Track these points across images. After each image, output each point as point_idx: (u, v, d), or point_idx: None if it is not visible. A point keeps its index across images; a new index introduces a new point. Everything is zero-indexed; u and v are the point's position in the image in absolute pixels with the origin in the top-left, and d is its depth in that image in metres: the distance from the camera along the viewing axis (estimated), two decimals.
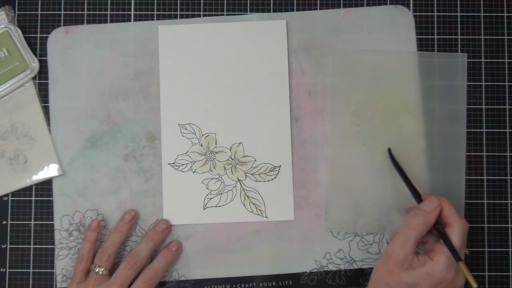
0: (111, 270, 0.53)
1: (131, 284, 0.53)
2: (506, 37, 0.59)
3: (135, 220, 0.56)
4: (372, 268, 0.57)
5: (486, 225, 0.57)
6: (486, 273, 0.57)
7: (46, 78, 0.58)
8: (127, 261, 0.53)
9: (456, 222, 0.47)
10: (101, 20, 0.59)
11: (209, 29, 0.58)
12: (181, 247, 0.56)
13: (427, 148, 0.57)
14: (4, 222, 0.57)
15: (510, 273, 0.57)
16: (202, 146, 0.57)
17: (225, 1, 0.59)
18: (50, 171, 0.57)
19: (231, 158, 0.57)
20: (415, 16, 0.59)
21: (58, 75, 0.58)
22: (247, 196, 0.57)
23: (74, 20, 0.59)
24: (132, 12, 0.59)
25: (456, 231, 0.47)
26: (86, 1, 0.59)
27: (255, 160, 0.57)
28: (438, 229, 0.48)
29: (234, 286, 0.57)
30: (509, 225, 0.58)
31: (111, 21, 0.59)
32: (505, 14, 0.59)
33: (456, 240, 0.47)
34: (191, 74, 0.58)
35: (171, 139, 0.57)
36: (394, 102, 0.57)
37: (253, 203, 0.57)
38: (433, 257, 0.47)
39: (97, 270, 0.52)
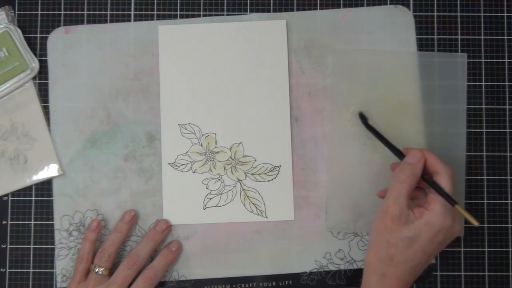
0: (111, 270, 0.53)
1: (131, 284, 0.53)
2: (506, 37, 0.59)
3: (135, 220, 0.56)
4: None
5: (486, 225, 0.57)
6: (486, 273, 0.57)
7: (46, 78, 0.58)
8: (127, 261, 0.53)
9: (443, 168, 0.47)
10: (101, 20, 0.59)
11: (209, 29, 0.58)
12: (181, 247, 0.56)
13: (427, 148, 0.57)
14: (4, 222, 0.57)
15: (510, 273, 0.57)
16: (202, 146, 0.57)
17: (225, 1, 0.59)
18: (50, 171, 0.57)
19: (231, 158, 0.57)
20: (415, 16, 0.59)
21: (58, 75, 0.58)
22: (247, 196, 0.57)
23: (74, 20, 0.59)
24: (132, 12, 0.59)
25: (444, 177, 0.47)
26: (86, 1, 0.59)
27: (255, 160, 0.57)
28: (426, 179, 0.48)
29: (234, 286, 0.57)
30: (509, 225, 0.58)
31: (111, 21, 0.59)
32: (505, 14, 0.59)
33: (446, 185, 0.47)
34: (191, 74, 0.58)
35: (171, 139, 0.57)
36: (394, 102, 0.57)
37: (253, 203, 0.57)
38: (428, 207, 0.46)
39: (97, 270, 0.52)
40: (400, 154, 0.51)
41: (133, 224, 0.56)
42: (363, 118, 0.55)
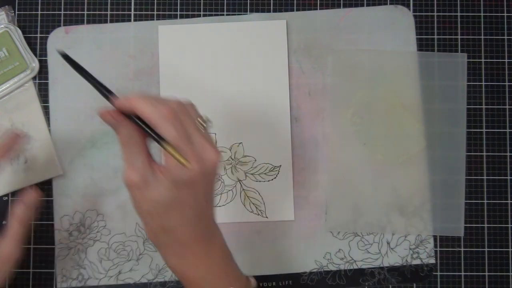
0: None
1: None
2: (506, 37, 0.59)
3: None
4: (372, 268, 0.57)
5: (486, 225, 0.57)
6: (486, 273, 0.57)
7: (46, 78, 0.58)
8: None
9: (150, 113, 0.38)
10: (101, 20, 0.59)
11: (209, 29, 0.58)
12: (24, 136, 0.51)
13: (427, 148, 0.57)
14: (4, 222, 0.57)
15: (510, 273, 0.57)
16: None
17: (225, 1, 0.59)
18: (50, 171, 0.57)
19: (231, 158, 0.57)
20: (415, 16, 0.59)
21: (58, 75, 0.58)
22: (247, 196, 0.57)
23: (74, 20, 0.59)
24: (132, 12, 0.59)
25: (159, 125, 0.38)
26: (86, 1, 0.59)
27: (255, 160, 0.57)
28: (137, 123, 0.39)
29: None
30: (509, 225, 0.58)
31: (111, 21, 0.59)
32: (505, 14, 0.59)
33: (165, 129, 0.38)
34: (191, 74, 0.58)
35: None
36: (394, 102, 0.57)
37: (253, 203, 0.57)
38: (166, 161, 0.39)
39: None
40: (108, 96, 0.42)
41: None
42: (65, 56, 0.44)
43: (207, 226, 0.42)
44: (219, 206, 0.57)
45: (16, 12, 0.58)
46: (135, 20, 0.59)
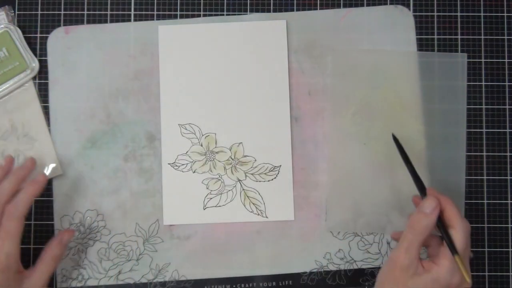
0: None
1: None
2: (506, 37, 0.59)
3: (11, 166, 0.53)
4: (372, 268, 0.57)
5: (486, 225, 0.57)
6: (486, 273, 0.57)
7: (46, 78, 0.58)
8: None
9: (459, 223, 0.46)
10: (101, 20, 0.59)
11: (209, 29, 0.58)
12: (46, 179, 0.52)
13: (427, 148, 0.57)
14: None
15: (510, 273, 0.57)
16: (202, 146, 0.57)
17: (225, 1, 0.59)
18: (50, 171, 0.57)
19: (231, 158, 0.57)
20: (415, 16, 0.59)
21: (58, 75, 0.58)
22: (247, 196, 0.57)
23: (74, 20, 0.59)
24: (132, 12, 0.59)
25: (459, 233, 0.46)
26: (86, 1, 0.59)
27: (255, 160, 0.57)
28: (439, 228, 0.47)
29: (234, 286, 0.57)
30: (509, 225, 0.58)
31: (111, 21, 0.59)
32: (505, 14, 0.59)
33: (458, 240, 0.45)
34: (191, 74, 0.58)
35: (171, 139, 0.57)
36: (394, 102, 0.57)
37: (253, 203, 0.57)
38: (437, 261, 0.46)
39: None
40: (422, 190, 0.49)
41: (8, 170, 0.53)
42: (396, 141, 0.53)
43: None
44: (219, 206, 0.57)
45: (16, 12, 0.58)
46: (135, 20, 0.59)
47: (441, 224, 0.47)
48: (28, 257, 0.57)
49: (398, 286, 0.46)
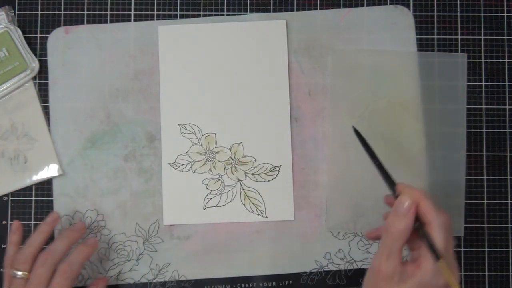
0: None
1: None
2: (506, 37, 0.59)
3: (57, 223, 0.55)
4: None
5: (486, 225, 0.57)
6: (486, 273, 0.57)
7: (46, 78, 0.58)
8: (39, 259, 0.50)
9: (435, 218, 0.42)
10: (101, 20, 0.59)
11: (209, 29, 0.58)
12: (97, 243, 0.55)
13: (427, 148, 0.57)
14: (4, 222, 0.57)
15: (510, 273, 0.57)
16: (202, 146, 0.57)
17: (225, 1, 0.59)
18: (50, 171, 0.57)
19: (231, 158, 0.57)
20: (415, 16, 0.59)
21: (58, 75, 0.58)
22: (247, 196, 0.57)
23: (74, 20, 0.59)
24: (132, 12, 0.59)
25: (436, 228, 0.42)
26: (86, 1, 0.59)
27: (255, 160, 0.57)
28: (417, 229, 0.44)
29: (234, 286, 0.57)
30: (509, 225, 0.58)
31: (111, 21, 0.59)
32: (505, 14, 0.59)
33: (437, 237, 0.42)
34: (191, 74, 0.58)
35: (171, 139, 0.57)
36: (394, 102, 0.57)
37: (253, 203, 0.57)
38: (420, 264, 0.43)
39: (15, 273, 0.49)
40: (392, 186, 0.46)
41: (55, 226, 0.54)
42: (358, 134, 0.50)
43: None
44: (219, 206, 0.57)
45: (16, 12, 0.58)
46: (135, 20, 0.59)
47: (419, 223, 0.43)
48: None
49: None
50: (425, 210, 0.43)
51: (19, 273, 0.49)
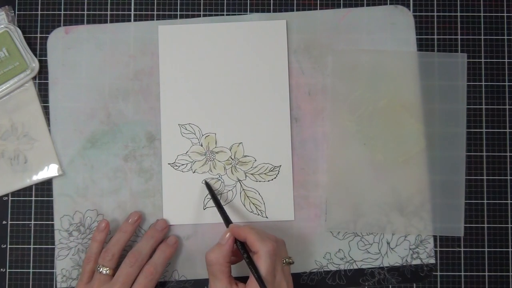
0: (115, 270, 0.53)
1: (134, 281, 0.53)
2: (506, 37, 0.59)
3: (140, 222, 0.56)
4: (372, 268, 0.57)
5: (486, 225, 0.57)
6: (486, 273, 0.57)
7: (46, 78, 0.58)
8: (128, 259, 0.52)
9: (261, 247, 0.47)
10: (101, 20, 0.59)
11: (209, 29, 0.58)
12: (178, 241, 0.56)
13: (427, 148, 0.57)
14: (4, 222, 0.57)
15: (510, 273, 0.57)
16: (202, 146, 0.57)
17: (225, 1, 0.59)
18: (50, 171, 0.57)
19: (231, 158, 0.57)
20: (415, 16, 0.59)
21: (58, 75, 0.58)
22: (247, 196, 0.57)
23: (74, 20, 0.59)
24: (132, 12, 0.59)
25: (262, 256, 0.47)
26: (86, 1, 0.59)
27: (255, 160, 0.57)
28: (244, 258, 0.48)
29: None
30: (509, 225, 0.58)
31: (111, 21, 0.59)
32: (505, 14, 0.59)
33: (262, 265, 0.47)
34: (191, 74, 0.58)
35: (171, 139, 0.57)
36: (394, 102, 0.57)
37: (253, 203, 0.57)
38: (249, 285, 0.47)
39: (101, 269, 0.52)
40: (227, 225, 0.51)
41: (138, 226, 0.56)
42: (208, 186, 0.56)
43: None
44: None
45: (16, 12, 0.58)
46: (135, 20, 0.59)
47: (246, 255, 0.48)
48: (28, 257, 0.57)
49: None
50: (252, 241, 0.48)
51: (105, 269, 0.52)
